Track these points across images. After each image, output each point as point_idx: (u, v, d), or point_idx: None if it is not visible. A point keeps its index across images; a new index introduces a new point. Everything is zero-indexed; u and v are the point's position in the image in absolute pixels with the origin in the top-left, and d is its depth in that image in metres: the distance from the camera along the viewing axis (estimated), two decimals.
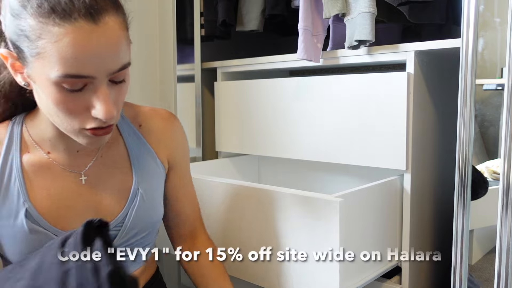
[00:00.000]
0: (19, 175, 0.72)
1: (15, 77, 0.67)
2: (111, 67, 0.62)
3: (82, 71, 0.60)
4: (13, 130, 0.74)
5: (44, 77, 0.61)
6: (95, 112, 0.63)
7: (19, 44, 0.61)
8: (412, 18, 1.12)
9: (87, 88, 0.62)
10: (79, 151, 0.76)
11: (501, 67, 1.04)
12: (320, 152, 1.19)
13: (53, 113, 0.65)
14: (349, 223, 0.90)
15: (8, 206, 0.71)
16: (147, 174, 0.82)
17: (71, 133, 0.67)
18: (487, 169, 1.08)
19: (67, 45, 0.58)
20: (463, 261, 0.86)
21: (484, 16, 0.91)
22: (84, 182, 0.76)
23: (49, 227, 0.72)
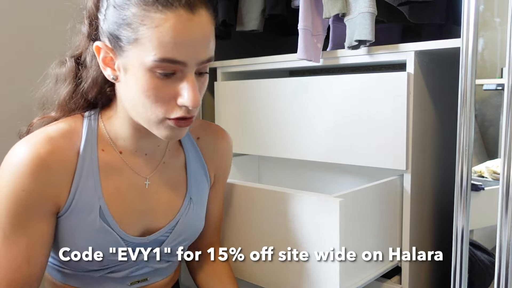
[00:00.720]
0: (95, 172, 0.74)
1: (103, 71, 0.71)
2: (202, 56, 0.67)
3: (177, 56, 0.64)
4: (90, 124, 0.76)
5: (138, 63, 0.65)
6: (181, 100, 0.67)
7: (119, 33, 0.66)
8: (412, 18, 1.12)
9: (176, 77, 0.67)
10: (147, 154, 0.80)
11: (501, 67, 1.04)
12: (320, 152, 1.19)
13: (139, 104, 0.68)
14: (349, 223, 0.90)
15: (84, 200, 0.73)
16: (198, 186, 0.86)
17: (153, 123, 0.69)
18: (487, 169, 1.08)
19: (167, 30, 0.63)
20: (463, 261, 0.86)
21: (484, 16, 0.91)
22: (147, 186, 0.80)
23: (116, 227, 0.75)
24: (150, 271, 0.84)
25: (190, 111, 0.69)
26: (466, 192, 0.85)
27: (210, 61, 0.70)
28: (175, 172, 0.84)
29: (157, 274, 0.86)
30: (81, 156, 0.73)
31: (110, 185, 0.76)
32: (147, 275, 0.84)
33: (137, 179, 0.79)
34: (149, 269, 0.83)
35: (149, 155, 0.80)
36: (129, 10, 0.65)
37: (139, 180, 0.79)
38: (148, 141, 0.78)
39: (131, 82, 0.68)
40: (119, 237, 0.76)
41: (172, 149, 0.84)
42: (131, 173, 0.78)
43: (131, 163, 0.78)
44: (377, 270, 1.01)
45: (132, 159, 0.78)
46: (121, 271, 0.80)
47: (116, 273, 0.80)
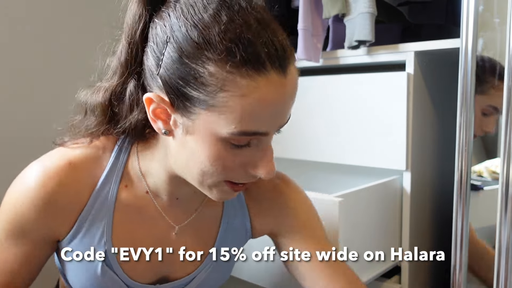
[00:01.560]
0: (109, 211, 0.64)
1: (152, 123, 0.57)
2: (283, 121, 0.56)
3: (260, 128, 0.53)
4: (118, 156, 0.65)
5: (209, 131, 0.53)
6: (255, 171, 0.57)
7: (186, 91, 0.52)
8: (412, 18, 1.13)
9: (251, 145, 0.55)
10: (178, 199, 0.67)
11: None
12: (320, 152, 1.19)
13: (197, 168, 0.57)
14: (349, 223, 0.90)
15: (89, 240, 0.64)
16: (230, 241, 0.73)
17: (207, 186, 0.59)
18: (487, 169, 1.08)
19: (256, 101, 0.50)
20: (462, 261, 0.87)
21: (484, 16, 0.91)
22: (175, 236, 0.69)
23: (121, 274, 0.66)
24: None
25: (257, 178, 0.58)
26: (466, 191, 0.85)
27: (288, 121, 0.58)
28: (207, 222, 0.72)
29: None
30: (97, 190, 0.63)
31: (126, 227, 0.65)
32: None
33: (162, 224, 0.68)
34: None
35: (181, 200, 0.68)
36: (206, 67, 0.50)
37: (165, 227, 0.68)
38: (184, 185, 0.64)
39: (194, 145, 0.55)
40: (124, 284, 0.67)
41: (210, 199, 0.67)
42: (156, 217, 0.67)
43: (160, 206, 0.67)
44: (376, 270, 1.01)
45: (161, 201, 0.67)
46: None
47: None
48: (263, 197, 0.74)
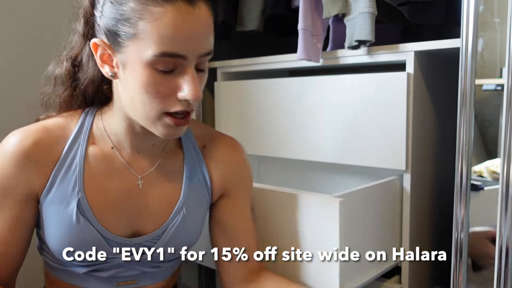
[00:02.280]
0: (80, 164, 0.74)
1: (101, 68, 0.71)
2: (201, 49, 0.67)
3: (177, 49, 0.64)
4: (84, 120, 0.77)
5: (138, 59, 0.65)
6: (182, 94, 0.67)
7: (117, 29, 0.66)
8: (412, 18, 1.12)
9: (176, 71, 0.66)
10: (139, 152, 0.78)
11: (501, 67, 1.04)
12: (320, 152, 1.19)
13: (138, 100, 0.67)
14: (349, 223, 0.90)
15: (63, 191, 0.73)
16: (194, 195, 0.81)
17: (151, 120, 0.69)
18: (487, 169, 1.08)
19: (166, 24, 0.63)
20: (463, 261, 0.87)
21: (484, 16, 0.91)
22: (141, 186, 0.78)
23: (95, 222, 0.74)
24: (138, 274, 0.80)
25: (189, 105, 0.68)
26: (466, 192, 0.85)
27: (210, 54, 0.69)
28: (170, 175, 0.80)
29: (146, 278, 0.82)
30: (67, 148, 0.74)
31: (95, 178, 0.74)
32: (135, 278, 0.80)
33: (128, 176, 0.77)
34: (136, 271, 0.80)
35: (143, 153, 0.78)
36: (127, 4, 0.65)
37: (130, 177, 0.77)
38: (142, 138, 0.77)
39: (130, 79, 0.67)
40: (98, 233, 0.74)
41: (170, 151, 0.81)
42: (122, 168, 0.77)
43: (124, 158, 0.77)
44: (377, 270, 1.01)
45: (125, 154, 0.77)
46: (106, 271, 0.78)
47: (101, 272, 0.77)
48: (218, 152, 0.84)
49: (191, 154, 0.83)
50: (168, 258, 0.81)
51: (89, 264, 0.76)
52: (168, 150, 0.81)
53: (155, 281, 0.83)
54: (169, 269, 0.85)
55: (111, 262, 0.77)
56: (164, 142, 0.80)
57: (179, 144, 0.83)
